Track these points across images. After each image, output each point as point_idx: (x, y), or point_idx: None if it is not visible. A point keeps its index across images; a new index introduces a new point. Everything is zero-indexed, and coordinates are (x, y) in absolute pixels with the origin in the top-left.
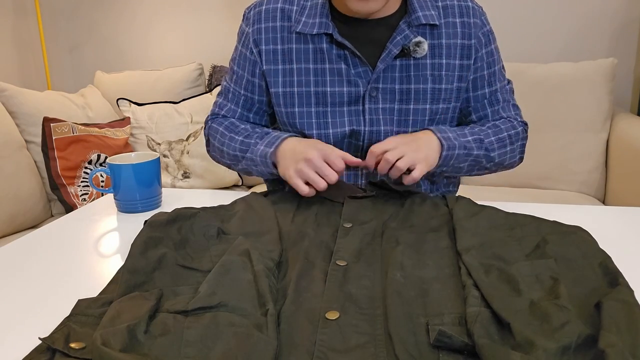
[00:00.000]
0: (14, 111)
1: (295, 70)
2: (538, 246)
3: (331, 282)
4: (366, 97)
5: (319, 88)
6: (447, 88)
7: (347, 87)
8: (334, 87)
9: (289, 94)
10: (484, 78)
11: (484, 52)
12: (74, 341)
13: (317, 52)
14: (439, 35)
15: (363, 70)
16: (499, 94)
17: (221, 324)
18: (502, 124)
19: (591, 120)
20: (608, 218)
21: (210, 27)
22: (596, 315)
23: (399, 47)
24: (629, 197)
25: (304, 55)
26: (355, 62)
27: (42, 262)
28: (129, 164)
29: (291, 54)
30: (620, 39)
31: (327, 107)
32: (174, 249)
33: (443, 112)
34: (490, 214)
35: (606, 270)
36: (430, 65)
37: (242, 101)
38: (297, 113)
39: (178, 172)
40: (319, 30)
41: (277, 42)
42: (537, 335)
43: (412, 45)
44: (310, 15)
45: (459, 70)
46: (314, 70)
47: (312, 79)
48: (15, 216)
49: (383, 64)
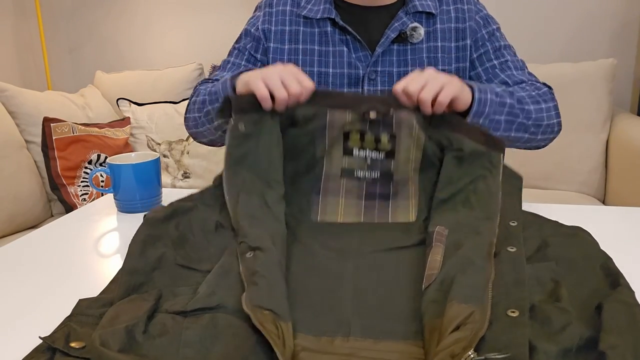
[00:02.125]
0: (14, 111)
1: (301, 50)
2: (539, 249)
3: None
4: (365, 79)
5: (321, 69)
6: (445, 69)
7: (348, 69)
8: (336, 68)
9: None
10: (489, 53)
11: (484, 32)
12: (74, 341)
13: (321, 35)
14: (435, 22)
15: (363, 54)
16: (510, 63)
17: (220, 325)
18: (527, 86)
19: (591, 120)
20: (608, 218)
21: (210, 27)
22: (597, 317)
23: (397, 32)
24: (629, 197)
25: (310, 37)
26: (356, 46)
27: (42, 262)
28: (129, 164)
29: (297, 34)
30: (620, 39)
31: (328, 87)
32: (173, 247)
33: None
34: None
35: (607, 271)
36: (426, 48)
37: (243, 70)
38: None
39: (178, 172)
40: (323, 15)
41: (285, 23)
42: (538, 338)
43: (409, 30)
44: (316, 3)
45: (455, 51)
46: (318, 51)
47: (316, 59)
48: (15, 216)
49: (381, 48)
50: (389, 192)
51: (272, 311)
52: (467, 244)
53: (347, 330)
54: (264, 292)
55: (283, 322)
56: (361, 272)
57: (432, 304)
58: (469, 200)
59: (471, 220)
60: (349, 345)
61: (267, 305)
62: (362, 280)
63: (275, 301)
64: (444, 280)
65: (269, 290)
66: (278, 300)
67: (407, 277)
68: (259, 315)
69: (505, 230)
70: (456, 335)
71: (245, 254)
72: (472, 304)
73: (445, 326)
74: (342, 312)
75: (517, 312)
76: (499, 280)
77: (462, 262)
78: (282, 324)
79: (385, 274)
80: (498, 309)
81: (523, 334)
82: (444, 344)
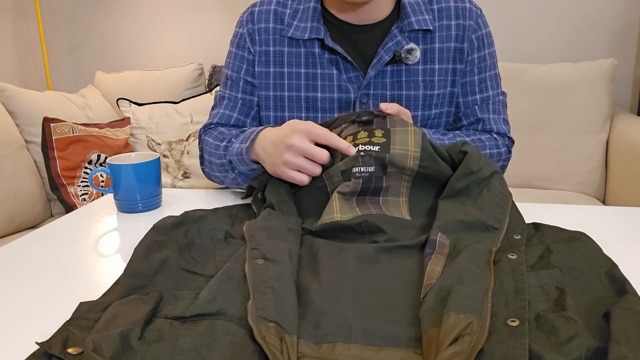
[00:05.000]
0: (14, 111)
1: (286, 74)
2: (542, 256)
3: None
4: (357, 103)
5: (309, 93)
6: (440, 93)
7: (338, 93)
8: (325, 92)
9: (279, 98)
10: (474, 83)
11: (475, 56)
12: (72, 346)
13: (308, 57)
14: (432, 40)
15: (354, 75)
16: (490, 103)
17: (218, 332)
18: (488, 141)
19: (591, 120)
20: (608, 218)
21: (210, 27)
22: (605, 326)
23: (390, 53)
24: (629, 197)
25: (296, 59)
26: (346, 67)
27: (42, 262)
28: (129, 164)
29: (282, 57)
30: (620, 40)
31: (317, 113)
32: (179, 252)
33: (436, 117)
34: None
35: (613, 278)
36: (422, 71)
37: (240, 105)
38: (288, 117)
39: (178, 172)
40: (311, 35)
41: (269, 43)
42: (544, 350)
43: (404, 52)
44: (302, 19)
45: (452, 74)
46: (305, 74)
47: (303, 83)
48: (15, 216)
49: (374, 70)
50: (381, 186)
51: (278, 324)
52: (467, 251)
53: (347, 335)
54: (270, 304)
55: (288, 335)
56: (362, 275)
57: (428, 311)
58: (481, 196)
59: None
60: (351, 353)
61: (273, 317)
62: (362, 283)
63: (282, 314)
64: (442, 288)
65: (276, 302)
66: (286, 314)
67: (409, 282)
68: (262, 327)
69: (507, 242)
70: (454, 349)
71: (257, 259)
72: (471, 315)
73: (443, 337)
74: (342, 316)
75: (517, 321)
76: (499, 289)
77: (460, 270)
78: (286, 338)
79: (387, 278)
80: (497, 319)
81: (522, 344)
82: (441, 357)
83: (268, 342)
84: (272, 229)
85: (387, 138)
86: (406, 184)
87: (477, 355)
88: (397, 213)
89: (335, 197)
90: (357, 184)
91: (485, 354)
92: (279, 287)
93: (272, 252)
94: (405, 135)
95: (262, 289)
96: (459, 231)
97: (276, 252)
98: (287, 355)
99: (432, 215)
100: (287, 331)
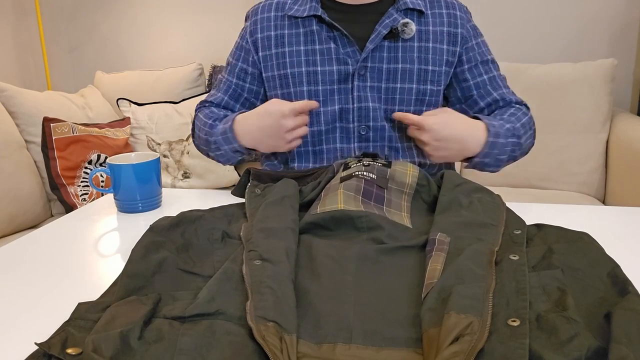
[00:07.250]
0: (14, 111)
1: (287, 53)
2: (544, 256)
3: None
4: (355, 75)
5: (310, 68)
6: (435, 70)
7: (337, 65)
8: (324, 66)
9: (284, 76)
10: (478, 67)
11: (474, 42)
12: (71, 346)
13: (307, 35)
14: (426, 23)
15: (352, 50)
16: (498, 80)
17: (217, 332)
18: (517, 111)
19: (591, 120)
20: (608, 218)
21: (210, 27)
22: (606, 326)
23: (388, 28)
24: (629, 197)
25: (295, 39)
26: (344, 42)
27: (41, 262)
28: (129, 164)
29: (283, 38)
30: (620, 40)
31: (318, 86)
32: (176, 253)
33: (432, 94)
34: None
35: (615, 279)
36: (418, 47)
37: (232, 90)
38: (293, 93)
39: (178, 172)
40: (309, 13)
41: (270, 29)
42: (545, 350)
43: (400, 25)
44: (302, 3)
45: (447, 54)
46: (305, 51)
47: (304, 59)
48: (15, 216)
49: (372, 44)
50: (383, 197)
51: (277, 323)
52: (468, 251)
53: (348, 335)
54: (269, 303)
55: (287, 335)
56: (363, 276)
57: (429, 312)
58: (473, 204)
59: (474, 225)
60: (351, 353)
61: (272, 317)
62: (363, 284)
63: (281, 314)
64: (443, 289)
65: (275, 302)
66: (285, 313)
67: (410, 282)
68: (261, 327)
69: (509, 239)
70: (454, 349)
71: (254, 260)
72: (471, 315)
73: (443, 337)
74: (343, 316)
75: (517, 321)
76: (500, 289)
77: (461, 270)
78: (286, 337)
79: (387, 278)
80: (498, 319)
81: (523, 344)
82: (441, 357)
83: (268, 341)
84: (269, 230)
85: (388, 163)
86: (406, 204)
87: (478, 355)
88: (399, 220)
89: (340, 192)
90: (360, 182)
91: (485, 353)
92: (277, 287)
93: (268, 252)
94: (405, 164)
95: (260, 289)
96: (458, 230)
97: (273, 252)
98: (287, 355)
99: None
100: (286, 330)
